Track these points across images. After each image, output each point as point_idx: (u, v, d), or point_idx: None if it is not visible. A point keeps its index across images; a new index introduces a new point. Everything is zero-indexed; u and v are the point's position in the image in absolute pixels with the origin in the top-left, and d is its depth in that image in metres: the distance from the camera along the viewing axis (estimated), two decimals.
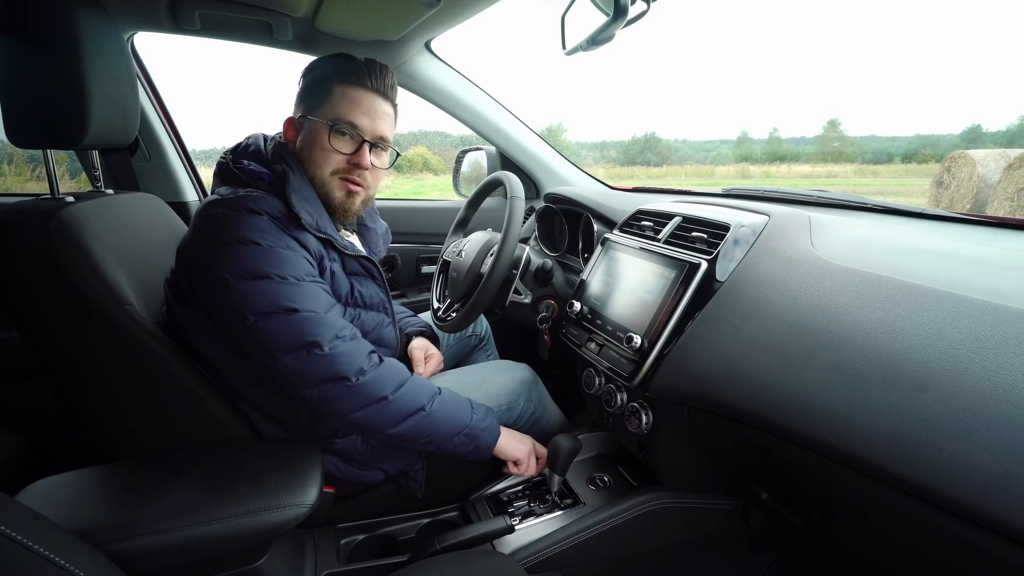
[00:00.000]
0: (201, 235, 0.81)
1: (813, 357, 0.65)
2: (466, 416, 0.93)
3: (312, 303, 0.80)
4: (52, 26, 0.77)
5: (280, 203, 0.85)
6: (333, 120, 0.88)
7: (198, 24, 1.27)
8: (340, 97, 0.89)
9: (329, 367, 0.79)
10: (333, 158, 0.90)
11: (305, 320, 0.78)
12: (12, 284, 0.77)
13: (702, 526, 1.01)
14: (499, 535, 0.91)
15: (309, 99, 0.91)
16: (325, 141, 0.89)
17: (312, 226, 0.86)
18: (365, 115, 0.90)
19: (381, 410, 0.83)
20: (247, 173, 0.87)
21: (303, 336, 0.78)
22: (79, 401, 0.84)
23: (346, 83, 0.89)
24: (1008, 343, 0.51)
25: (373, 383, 0.82)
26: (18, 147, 0.82)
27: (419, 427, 0.87)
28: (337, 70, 0.89)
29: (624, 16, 0.71)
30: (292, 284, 0.79)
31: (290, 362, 0.78)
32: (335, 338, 0.80)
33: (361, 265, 0.96)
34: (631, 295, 0.97)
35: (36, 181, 3.50)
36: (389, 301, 1.01)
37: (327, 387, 0.79)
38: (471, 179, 1.86)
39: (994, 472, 0.47)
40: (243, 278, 0.77)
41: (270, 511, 0.70)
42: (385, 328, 1.00)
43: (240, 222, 0.79)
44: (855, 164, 24.31)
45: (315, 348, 0.78)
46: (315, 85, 0.91)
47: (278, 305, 0.77)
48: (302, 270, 0.81)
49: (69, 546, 0.50)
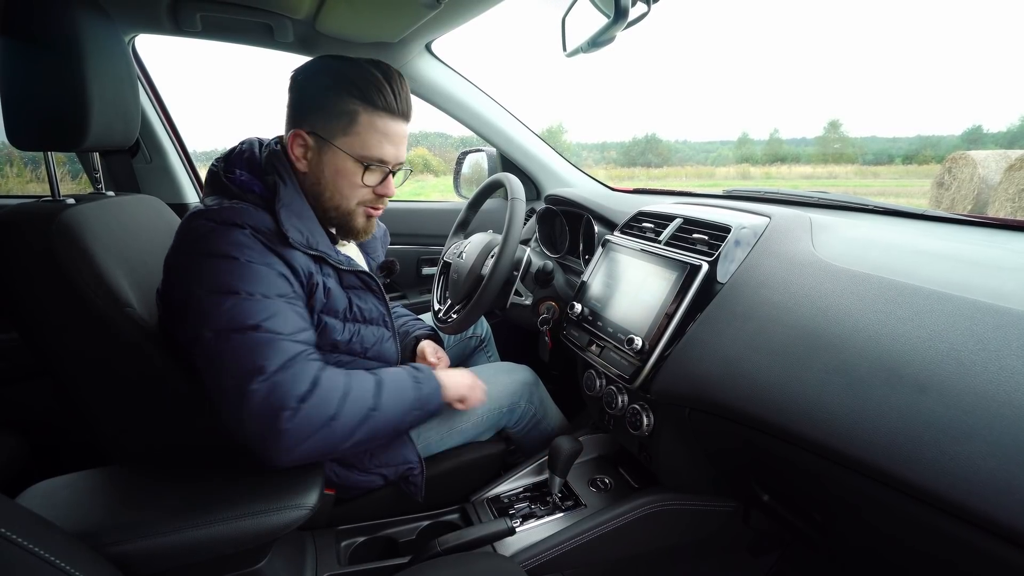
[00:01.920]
0: (181, 246, 0.79)
1: (814, 359, 0.65)
2: (411, 392, 0.87)
3: (277, 323, 0.74)
4: (53, 28, 0.77)
5: (268, 218, 0.80)
6: (364, 158, 0.83)
7: (199, 26, 1.27)
8: (369, 129, 0.82)
9: (268, 396, 0.70)
10: (361, 192, 0.86)
11: (260, 341, 0.72)
12: (13, 286, 0.77)
13: (703, 528, 1.01)
14: (500, 537, 0.91)
15: (325, 118, 0.82)
16: (356, 178, 0.84)
17: (302, 244, 0.81)
18: (393, 146, 0.85)
19: (331, 431, 0.74)
20: (237, 184, 0.83)
21: (251, 358, 0.71)
22: (79, 403, 0.84)
23: (373, 109, 0.82)
24: (1010, 345, 0.51)
25: (317, 407, 0.73)
26: (19, 149, 0.82)
27: (375, 426, 0.81)
28: (362, 91, 0.81)
29: (625, 18, 0.71)
30: (259, 300, 0.74)
31: (231, 386, 0.71)
32: (283, 364, 0.72)
33: (359, 279, 0.92)
34: (632, 297, 0.97)
35: (37, 182, 3.50)
36: (389, 314, 0.98)
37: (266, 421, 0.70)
38: (472, 180, 1.86)
39: (996, 474, 0.47)
40: (211, 292, 0.73)
41: (270, 513, 0.70)
42: (386, 343, 0.97)
43: (221, 236, 0.75)
44: (856, 165, 24.31)
45: (258, 375, 0.70)
46: (332, 103, 0.82)
47: (239, 322, 0.72)
48: (274, 289, 0.76)
49: (69, 548, 0.49)
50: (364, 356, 0.93)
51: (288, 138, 0.85)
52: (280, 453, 0.71)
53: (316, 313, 0.84)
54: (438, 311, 1.26)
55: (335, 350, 0.88)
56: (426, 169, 16.18)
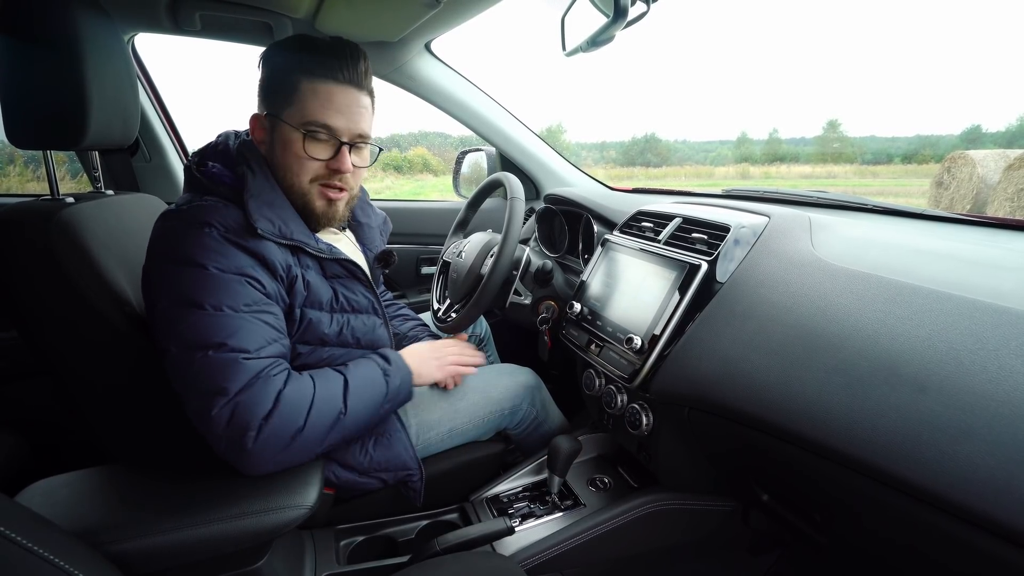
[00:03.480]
0: (151, 250, 0.76)
1: (814, 358, 0.65)
2: (382, 385, 0.84)
3: (243, 340, 0.71)
4: (52, 27, 0.77)
5: (237, 211, 0.77)
6: (306, 125, 0.80)
7: (198, 25, 1.27)
8: (309, 95, 0.79)
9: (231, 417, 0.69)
10: (310, 165, 0.82)
11: (223, 362, 0.70)
12: (12, 284, 0.76)
13: (702, 527, 1.01)
14: (499, 536, 0.91)
15: (273, 95, 0.82)
16: (300, 148, 0.81)
17: (274, 234, 0.78)
18: (340, 113, 0.81)
19: (300, 443, 0.73)
20: (208, 177, 0.80)
21: (213, 379, 0.69)
22: (79, 401, 0.84)
23: (314, 77, 0.79)
24: (1009, 344, 0.51)
25: (282, 422, 0.71)
26: (18, 148, 0.82)
27: (345, 430, 0.78)
28: (302, 61, 0.79)
29: (624, 17, 0.71)
30: (226, 316, 0.71)
31: (195, 407, 0.70)
32: (246, 384, 0.70)
33: (343, 267, 0.89)
34: (631, 296, 0.97)
35: (36, 182, 3.50)
36: (378, 301, 0.96)
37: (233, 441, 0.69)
38: (471, 180, 1.86)
39: (995, 474, 0.47)
40: (175, 304, 0.71)
41: (270, 512, 0.70)
42: (378, 330, 0.95)
43: (188, 239, 0.73)
44: (855, 165, 24.33)
45: (220, 396, 0.69)
46: (278, 78, 0.82)
47: (203, 339, 0.70)
48: (241, 300, 0.73)
49: (68, 547, 0.49)
50: (358, 346, 0.91)
51: (250, 123, 0.85)
52: (251, 467, 0.71)
53: (298, 308, 0.82)
54: (437, 310, 1.26)
55: (325, 344, 0.87)
56: (425, 169, 16.19)
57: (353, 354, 0.90)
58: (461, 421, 1.07)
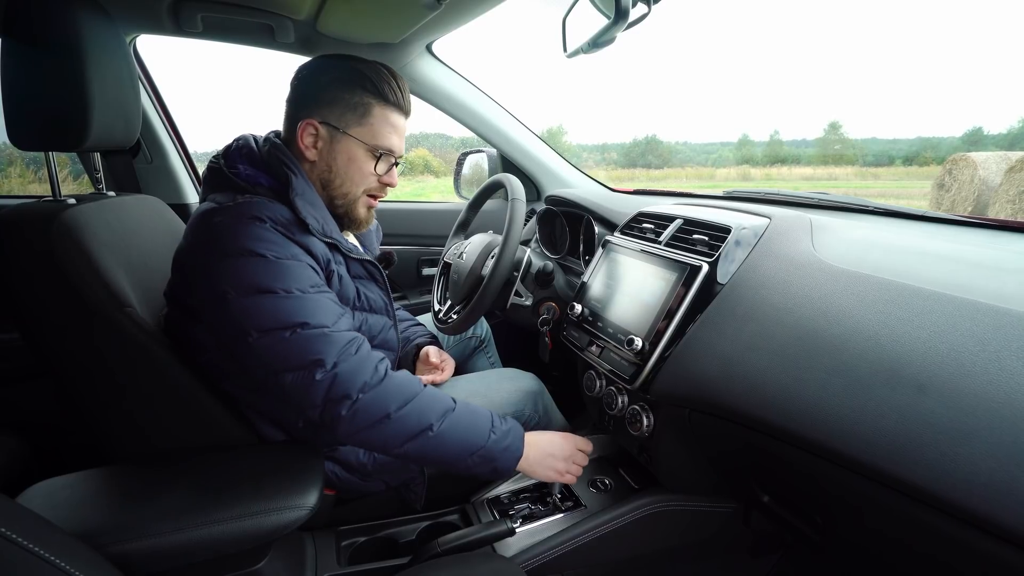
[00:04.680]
0: (201, 246, 0.78)
1: (814, 360, 0.65)
2: (483, 436, 0.83)
3: (320, 316, 0.76)
4: (54, 29, 0.77)
5: (284, 208, 0.81)
6: (378, 147, 0.89)
7: (200, 27, 1.27)
8: (382, 121, 0.88)
9: (331, 386, 0.74)
10: (370, 179, 0.91)
11: (311, 337, 0.75)
12: (13, 286, 0.77)
13: (703, 529, 1.01)
14: (500, 538, 0.91)
15: (338, 109, 0.86)
16: (368, 166, 0.89)
17: (319, 231, 0.83)
18: (400, 139, 0.92)
19: (383, 430, 0.77)
20: (243, 178, 0.84)
21: (307, 355, 0.74)
22: (80, 403, 0.84)
23: (385, 103, 0.88)
24: (1010, 346, 0.51)
25: (375, 401, 0.77)
26: (20, 149, 0.82)
27: (425, 448, 0.80)
28: (376, 86, 0.87)
29: (625, 19, 0.71)
30: (297, 297, 0.76)
31: (292, 380, 0.74)
32: (340, 355, 0.76)
33: (364, 268, 0.94)
34: (632, 297, 0.97)
35: (38, 183, 3.51)
36: (391, 303, 1.00)
37: (329, 407, 0.75)
38: (472, 181, 1.86)
39: (996, 475, 0.47)
40: (246, 293, 0.74)
41: (270, 513, 0.70)
42: (388, 331, 0.98)
43: (242, 232, 0.76)
44: (856, 166, 24.32)
45: (318, 367, 0.74)
46: (347, 95, 0.86)
47: (283, 321, 0.74)
48: (307, 282, 0.78)
49: (69, 548, 0.49)
50: (371, 345, 0.92)
51: (299, 128, 0.87)
52: (339, 435, 0.77)
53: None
54: (438, 312, 1.26)
55: None
56: (427, 170, 16.19)
57: None
58: None
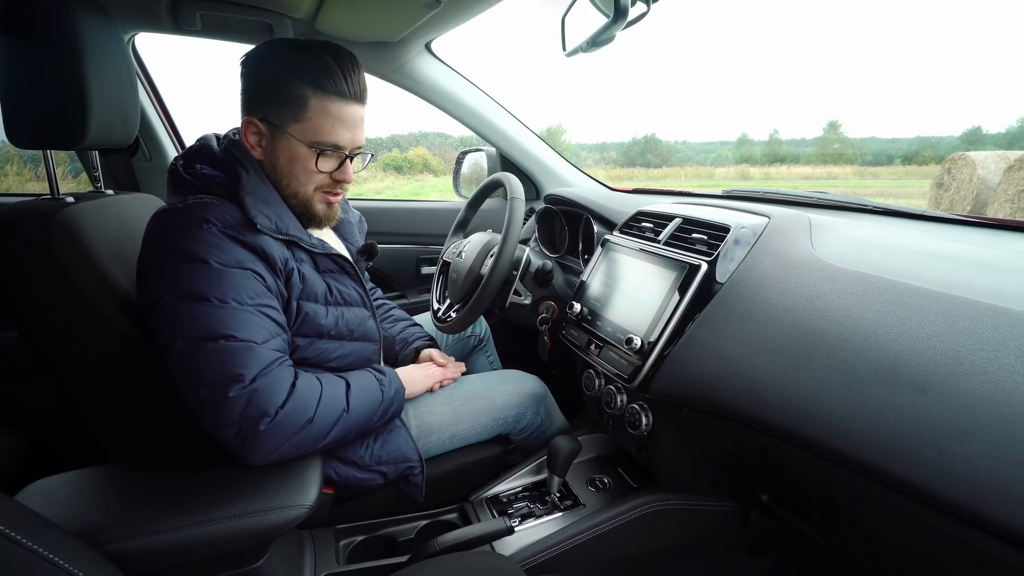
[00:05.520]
0: (147, 248, 0.77)
1: (813, 359, 0.65)
2: (378, 392, 0.90)
3: (250, 331, 0.73)
4: (53, 27, 0.77)
5: (235, 208, 0.78)
6: (317, 143, 0.82)
7: (199, 25, 1.27)
8: (320, 113, 0.81)
9: (249, 403, 0.71)
10: (317, 177, 0.85)
11: (235, 350, 0.71)
12: (12, 284, 0.77)
13: (702, 528, 1.01)
14: (499, 536, 0.91)
15: (277, 106, 0.81)
16: (310, 164, 0.83)
17: (271, 229, 0.80)
18: (348, 130, 0.83)
19: (308, 434, 0.76)
20: (198, 178, 0.81)
21: (228, 367, 0.71)
22: (78, 401, 0.84)
23: (323, 94, 0.80)
24: (1009, 345, 0.51)
25: (295, 411, 0.75)
26: (18, 147, 0.82)
27: (346, 428, 0.82)
28: (310, 76, 0.79)
29: (624, 18, 0.71)
30: (232, 308, 0.73)
31: (208, 395, 0.71)
32: (261, 371, 0.73)
33: (334, 262, 0.91)
34: (631, 296, 0.97)
35: (36, 181, 3.50)
36: (367, 294, 0.98)
37: (247, 425, 0.71)
38: (471, 180, 1.86)
39: (994, 474, 0.47)
40: (180, 298, 0.72)
41: (269, 512, 0.70)
42: (368, 323, 0.97)
43: (188, 235, 0.74)
44: (855, 166, 24.34)
45: (237, 382, 0.71)
46: (278, 87, 0.81)
47: (210, 331, 0.71)
48: (246, 293, 0.75)
49: (68, 546, 0.49)
50: (351, 339, 0.93)
51: (243, 126, 0.84)
52: (257, 454, 0.73)
53: (295, 300, 0.84)
54: (437, 310, 1.27)
55: (321, 336, 0.88)
56: (426, 169, 16.18)
57: (347, 347, 0.92)
58: (463, 427, 1.07)
